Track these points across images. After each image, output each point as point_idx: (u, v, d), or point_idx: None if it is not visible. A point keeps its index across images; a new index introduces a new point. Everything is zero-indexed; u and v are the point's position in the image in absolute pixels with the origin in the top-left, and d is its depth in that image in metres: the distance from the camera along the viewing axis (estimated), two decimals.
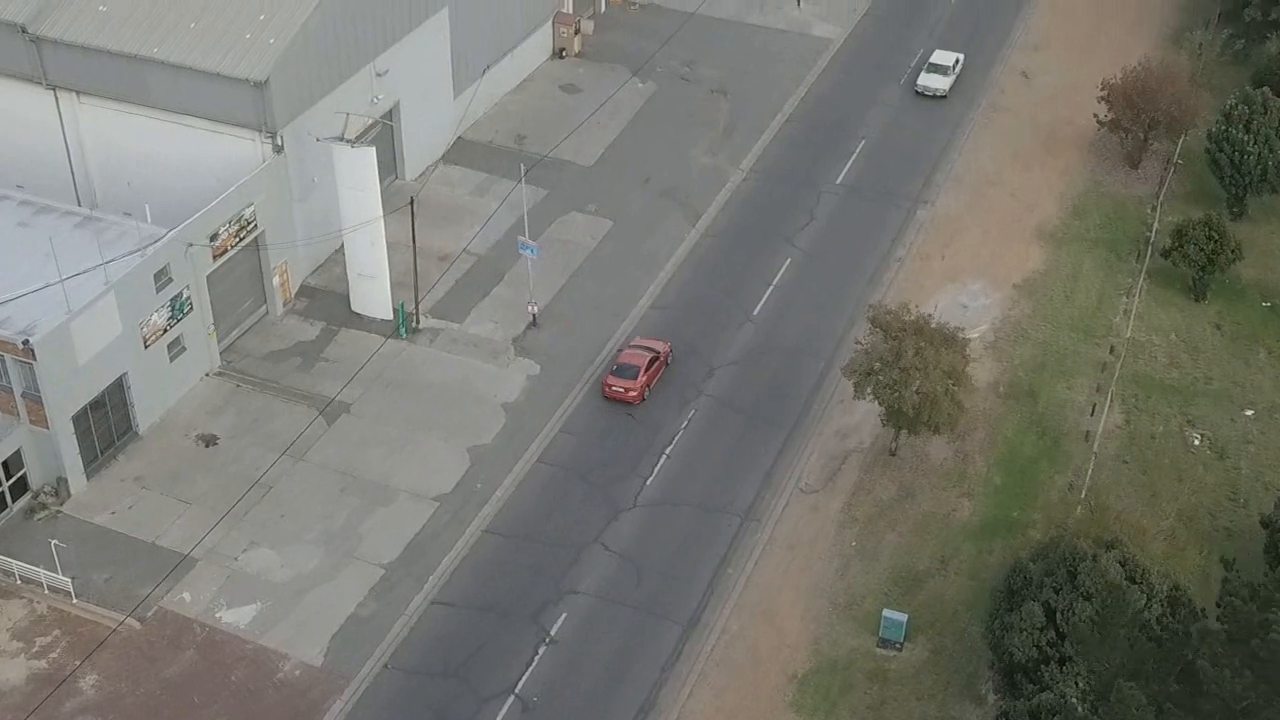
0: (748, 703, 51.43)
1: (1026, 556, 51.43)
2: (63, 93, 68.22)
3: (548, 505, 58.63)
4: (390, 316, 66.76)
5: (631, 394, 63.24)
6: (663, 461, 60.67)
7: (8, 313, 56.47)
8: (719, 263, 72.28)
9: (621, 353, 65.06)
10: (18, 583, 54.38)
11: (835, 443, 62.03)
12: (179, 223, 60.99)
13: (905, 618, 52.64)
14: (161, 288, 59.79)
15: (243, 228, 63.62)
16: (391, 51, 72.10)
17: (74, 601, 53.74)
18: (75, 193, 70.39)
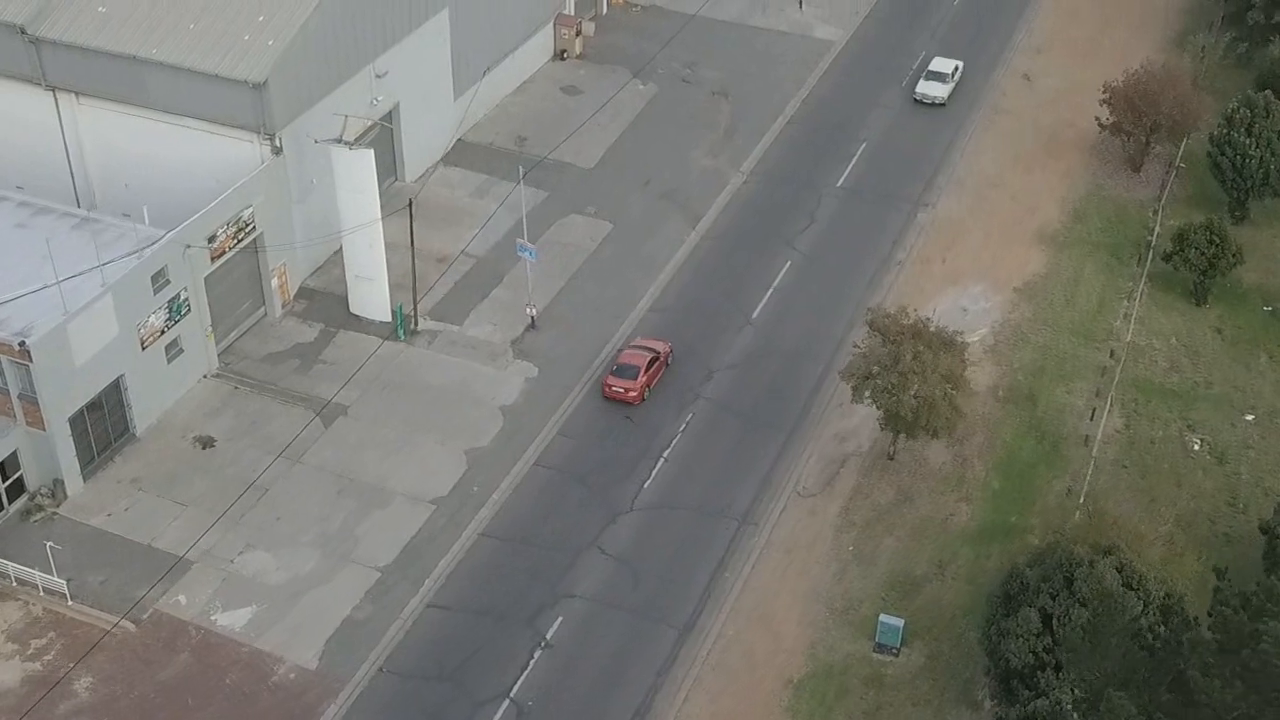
0: (743, 708, 51.28)
1: (1023, 562, 51.23)
2: (62, 94, 68.22)
3: (545, 508, 58.50)
4: (389, 318, 66.67)
5: (631, 394, 63.11)
6: (660, 465, 60.53)
7: (5, 314, 56.43)
8: (719, 265, 72.14)
9: (621, 353, 64.94)
10: (13, 584, 54.34)
11: (833, 446, 61.86)
12: (178, 224, 60.95)
13: (902, 623, 52.48)
14: (159, 289, 59.73)
15: (241, 229, 63.55)
16: (391, 53, 72.00)
17: (69, 603, 53.69)
18: (75, 194, 70.38)
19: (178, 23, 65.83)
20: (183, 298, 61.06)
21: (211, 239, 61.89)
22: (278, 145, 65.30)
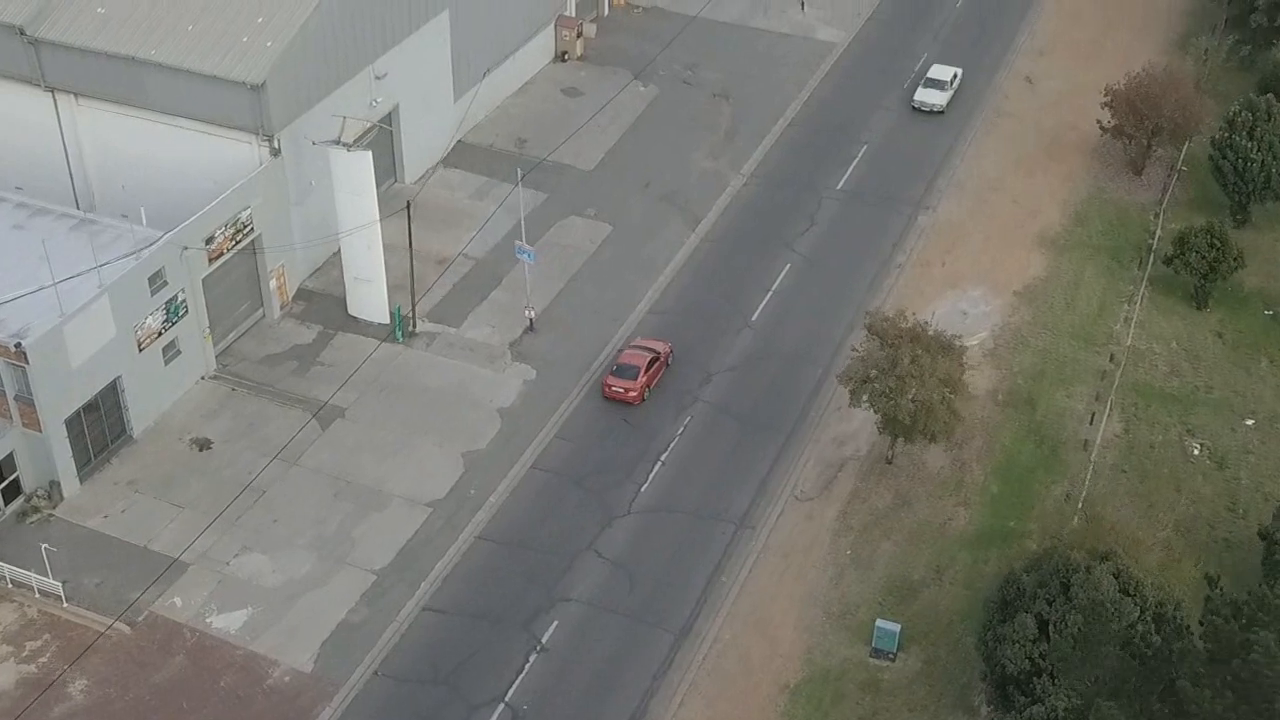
0: (739, 712, 51.09)
1: (1020, 568, 50.97)
2: (61, 94, 68.15)
3: (542, 511, 58.36)
4: (387, 320, 66.56)
5: (631, 394, 62.98)
6: (658, 468, 60.37)
7: (1, 315, 56.32)
8: (718, 268, 71.98)
9: (622, 353, 64.82)
10: (9, 586, 54.23)
11: (832, 450, 61.68)
12: (176, 225, 60.86)
13: (898, 628, 52.30)
14: (156, 291, 59.62)
15: (239, 231, 63.46)
16: (391, 54, 71.87)
17: (65, 605, 53.59)
18: (74, 195, 70.31)
19: (176, 24, 65.76)
20: (180, 299, 60.97)
21: (209, 240, 61.80)
22: (276, 147, 65.22)
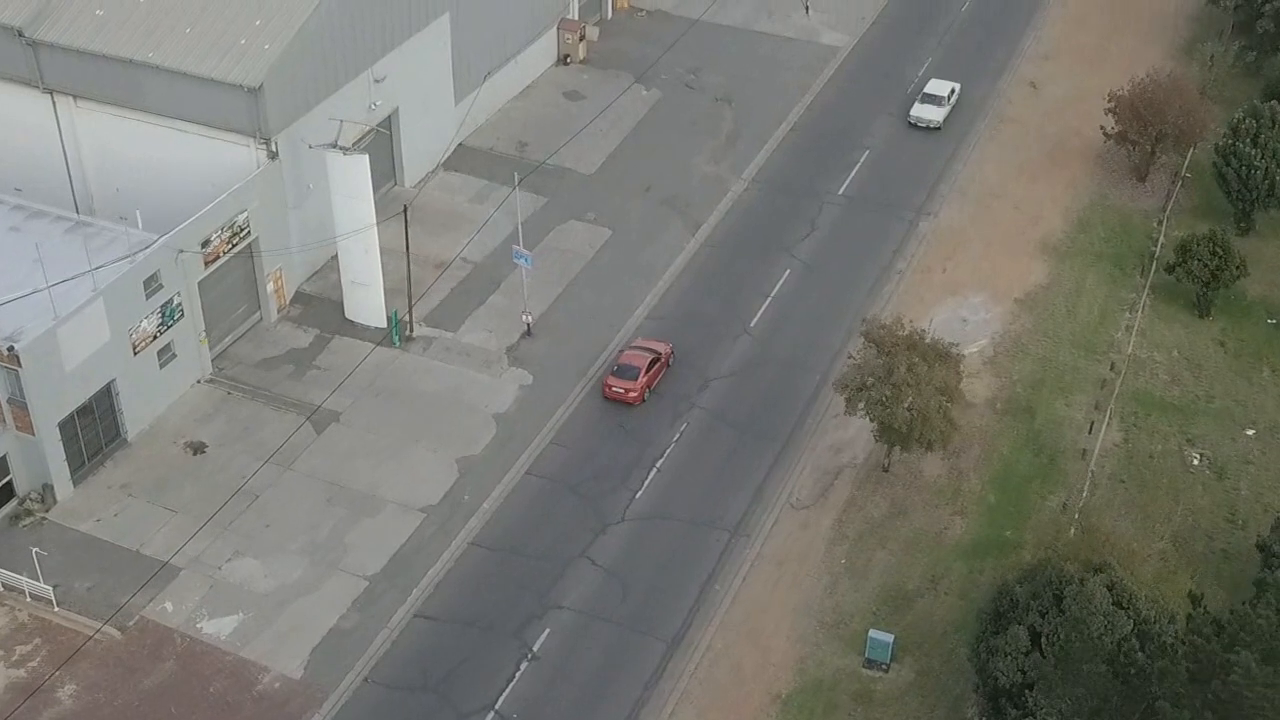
0: None
1: (1013, 579, 50.60)
2: (60, 96, 68.07)
3: (535, 518, 58.09)
4: (384, 324, 66.37)
5: (631, 395, 62.73)
6: (653, 475, 60.07)
7: None
8: (717, 273, 71.67)
9: (622, 353, 64.57)
10: (0, 590, 54.11)
11: (828, 458, 61.32)
12: (174, 228, 60.70)
13: (892, 638, 51.92)
14: (151, 294, 59.46)
15: (235, 234, 63.29)
16: (390, 57, 71.65)
17: (56, 610, 53.46)
18: (73, 197, 70.21)
19: (174, 26, 65.64)
20: (176, 302, 60.82)
21: (205, 244, 61.63)
22: (274, 150, 65.06)
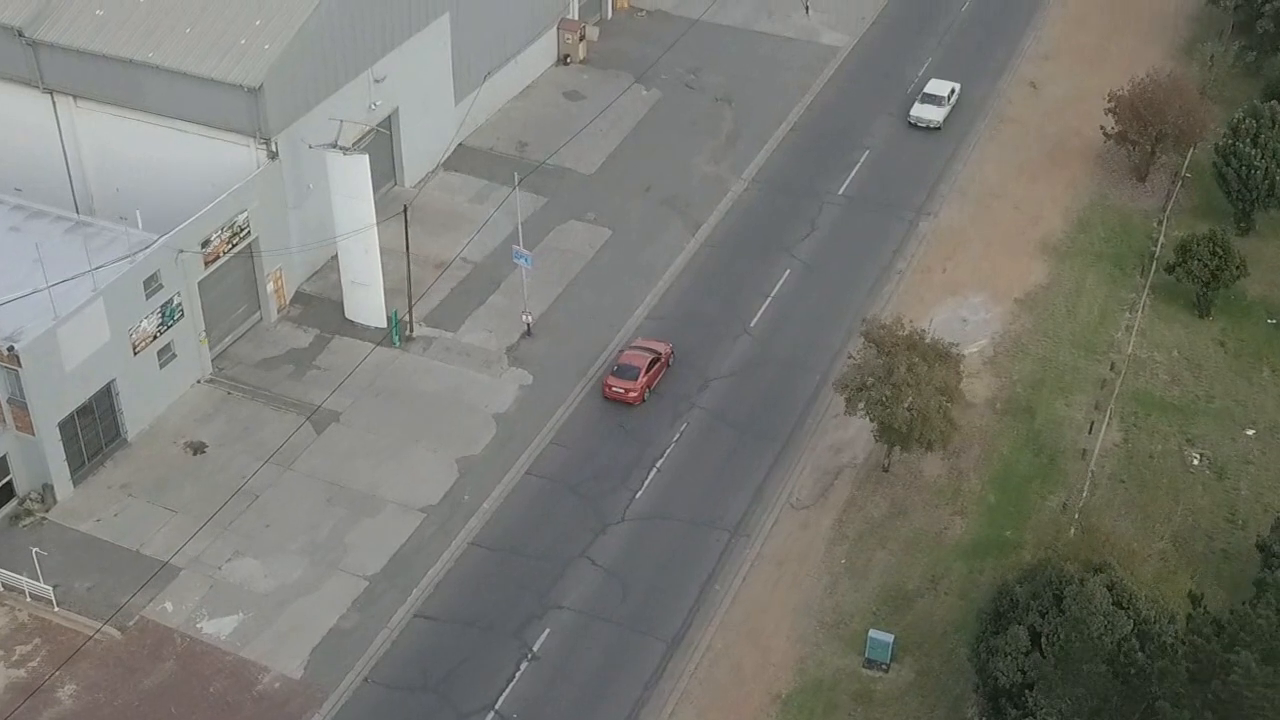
0: None
1: (1013, 579, 50.59)
2: (60, 96, 68.06)
3: (535, 518, 58.08)
4: (384, 324, 66.37)
5: (632, 395, 62.75)
6: (653, 475, 60.06)
7: None
8: (717, 273, 71.66)
9: (623, 353, 64.58)
10: (0, 590, 54.12)
11: (828, 458, 61.31)
12: (174, 228, 60.69)
13: (891, 638, 51.92)
14: (151, 294, 59.46)
15: (235, 234, 63.29)
16: (390, 57, 71.64)
17: (56, 610, 53.46)
18: (73, 197, 70.21)
19: (174, 26, 65.63)
20: (176, 302, 60.81)
21: (205, 244, 61.63)
22: (274, 150, 65.05)
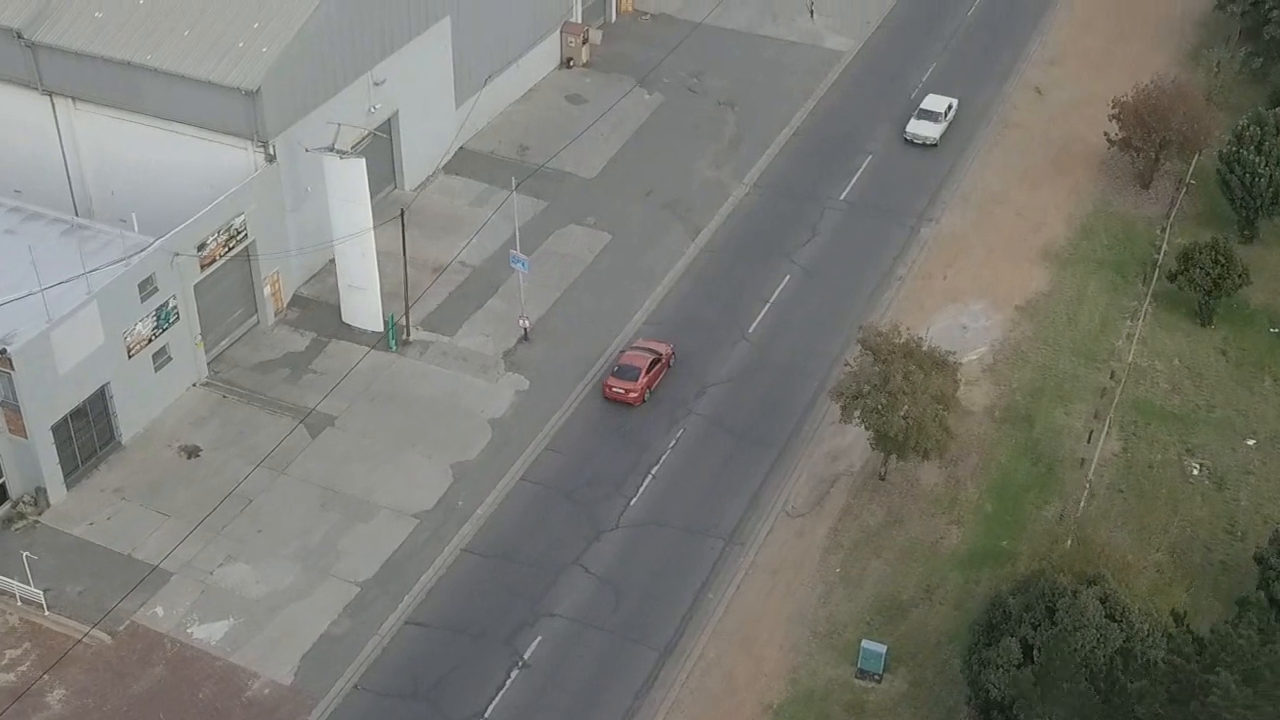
0: None
1: (1007, 590, 50.19)
2: (59, 98, 67.99)
3: (529, 525, 57.82)
4: (380, 328, 66.16)
5: (632, 395, 62.53)
6: (648, 481, 59.76)
7: None
8: (717, 278, 71.33)
9: (623, 354, 64.35)
10: None
11: (825, 465, 60.95)
12: (171, 230, 60.52)
13: (884, 649, 51.52)
14: (146, 297, 59.33)
15: (232, 237, 63.14)
16: (390, 60, 71.40)
17: (46, 614, 53.32)
18: (72, 199, 70.15)
19: (173, 28, 65.51)
20: (171, 305, 60.68)
21: (201, 247, 61.48)
22: (271, 153, 64.89)
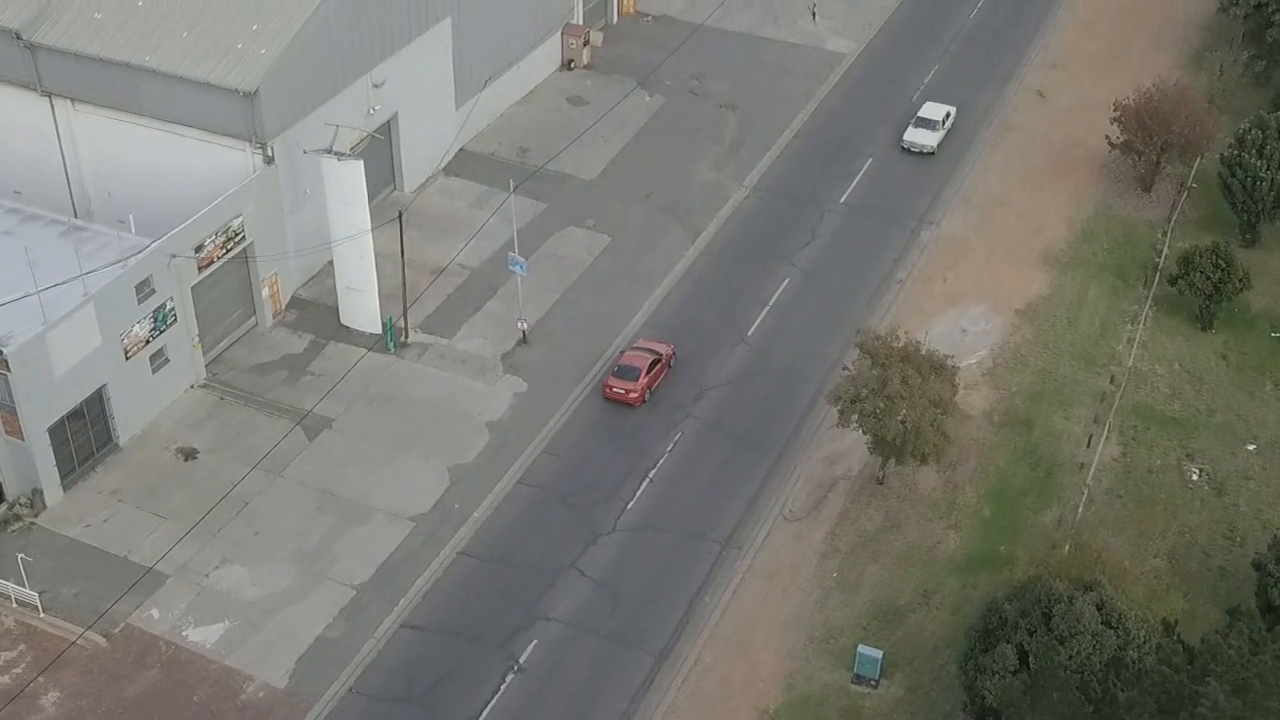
0: None
1: (1003, 596, 49.98)
2: (58, 99, 67.92)
3: (526, 528, 57.69)
4: (379, 330, 66.06)
5: (632, 395, 62.44)
6: (645, 485, 59.62)
7: None
8: (716, 281, 71.17)
9: (624, 354, 64.23)
10: None
11: (823, 469, 60.78)
12: (169, 232, 60.43)
13: (880, 654, 51.34)
14: (144, 299, 59.26)
15: (230, 239, 63.06)
16: (390, 62, 71.31)
17: (41, 616, 53.25)
18: (71, 200, 70.11)
19: (172, 30, 65.44)
20: (168, 307, 60.60)
21: (199, 249, 61.41)
22: (270, 155, 64.81)
